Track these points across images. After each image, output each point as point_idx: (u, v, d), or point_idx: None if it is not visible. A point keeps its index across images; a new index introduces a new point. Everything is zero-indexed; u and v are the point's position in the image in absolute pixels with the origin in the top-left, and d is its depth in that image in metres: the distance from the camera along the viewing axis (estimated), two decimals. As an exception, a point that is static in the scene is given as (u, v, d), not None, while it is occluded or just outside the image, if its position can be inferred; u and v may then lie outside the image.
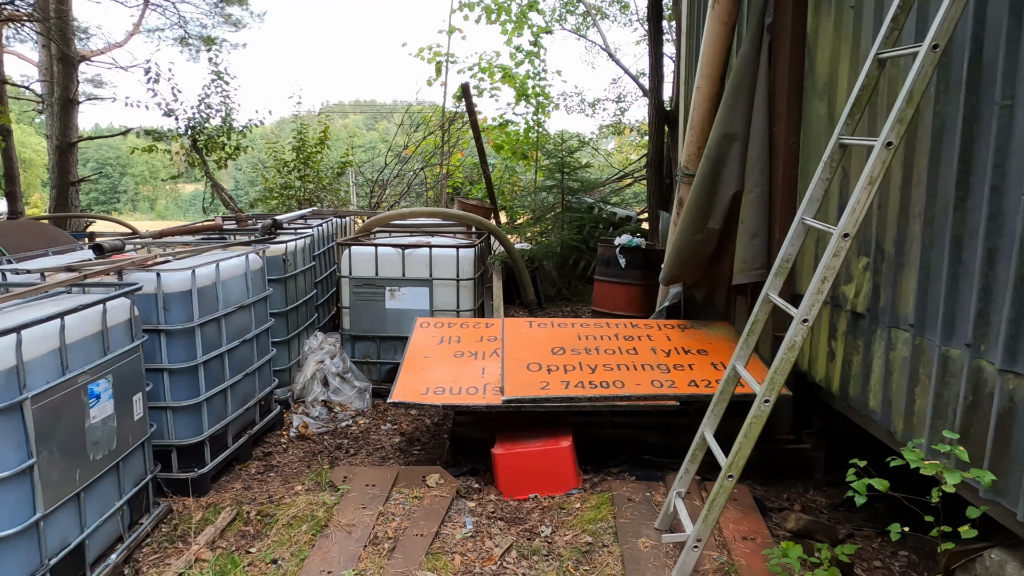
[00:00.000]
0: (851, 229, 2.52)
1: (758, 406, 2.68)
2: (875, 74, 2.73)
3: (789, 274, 3.03)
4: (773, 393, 2.66)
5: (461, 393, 3.84)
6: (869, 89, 2.75)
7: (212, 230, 5.87)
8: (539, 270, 8.34)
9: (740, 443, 2.72)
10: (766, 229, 4.05)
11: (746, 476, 4.02)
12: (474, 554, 3.15)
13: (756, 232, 4.05)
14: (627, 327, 4.61)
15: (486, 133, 12.34)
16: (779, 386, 2.67)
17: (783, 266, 2.91)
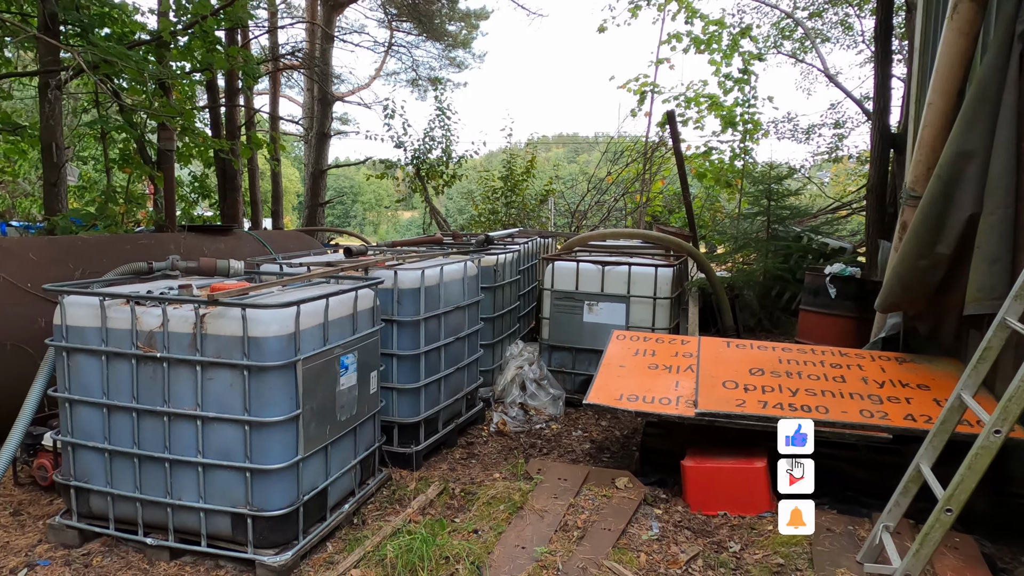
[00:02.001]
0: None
1: (987, 436, 2.46)
2: None
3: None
4: (1006, 424, 2.43)
5: (654, 402, 3.93)
6: None
7: (434, 243, 6.59)
8: (738, 298, 8.09)
9: (963, 475, 2.51)
10: (1009, 255, 3.64)
11: (973, 529, 3.61)
12: (659, 555, 3.21)
13: (996, 258, 3.65)
14: (835, 355, 4.37)
15: (689, 161, 12.27)
16: (1014, 417, 2.43)
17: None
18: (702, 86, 12.26)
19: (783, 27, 13.26)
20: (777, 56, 13.52)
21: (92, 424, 3.24)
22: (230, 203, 11.15)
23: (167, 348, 3.07)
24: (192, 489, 3.13)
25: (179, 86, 9.60)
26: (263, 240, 6.81)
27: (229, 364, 3.01)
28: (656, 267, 5.54)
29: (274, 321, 3.02)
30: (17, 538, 3.38)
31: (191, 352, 3.06)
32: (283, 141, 16.41)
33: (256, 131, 13.07)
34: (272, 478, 3.09)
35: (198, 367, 3.04)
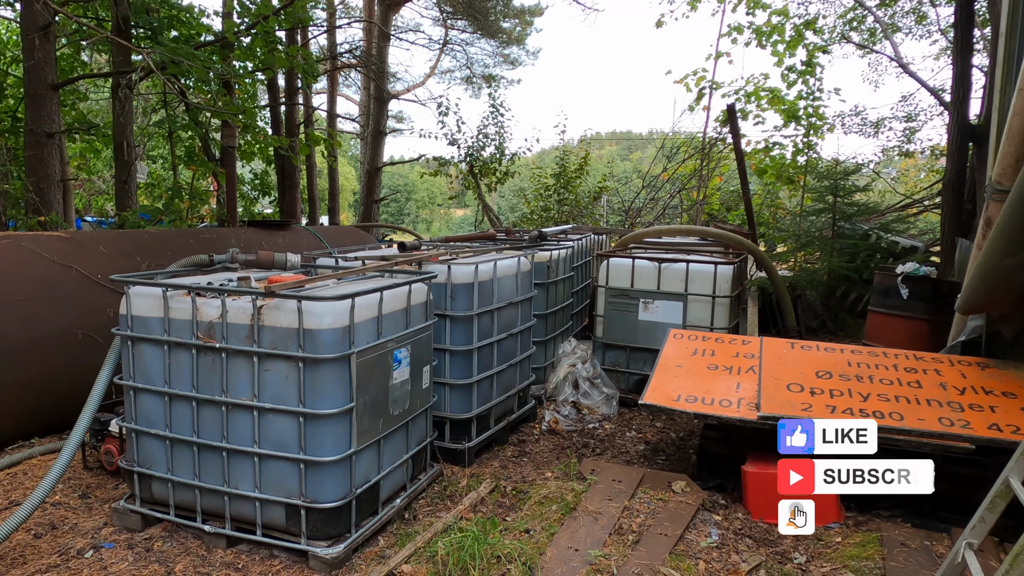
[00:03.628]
0: None
1: (1089, 450, 2.24)
2: None
3: None
4: (1113, 436, 2.21)
5: (713, 404, 3.79)
6: None
7: (488, 238, 6.56)
8: (800, 299, 7.78)
9: (1060, 491, 2.30)
10: (1110, 254, 3.35)
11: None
12: (719, 564, 3.08)
13: (1095, 257, 3.37)
14: (909, 358, 4.11)
15: (749, 157, 11.90)
16: (1122, 429, 2.20)
17: None
18: (763, 79, 11.87)
19: (851, 17, 12.70)
20: (843, 48, 12.96)
21: (154, 412, 3.32)
22: (288, 200, 11.40)
23: (225, 339, 3.12)
24: (248, 479, 3.16)
25: (242, 85, 9.88)
26: (319, 235, 6.91)
27: (285, 356, 3.03)
28: (716, 264, 5.36)
29: (329, 314, 3.02)
30: (84, 520, 3.50)
31: (248, 343, 3.09)
32: (340, 139, 16.74)
33: (314, 129, 13.35)
34: (325, 470, 3.09)
35: (255, 358, 3.07)
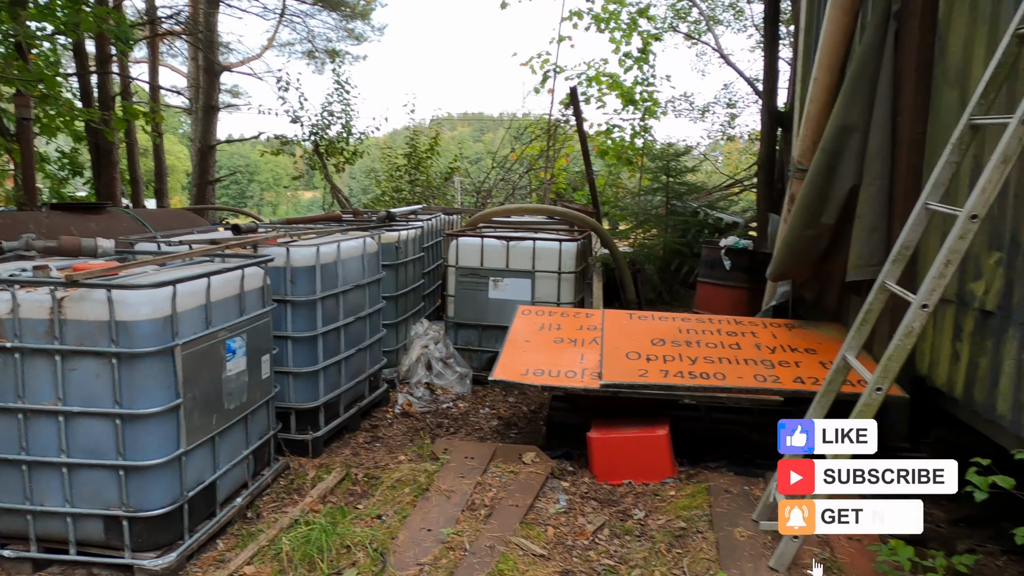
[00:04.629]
0: (980, 211, 2.40)
1: (869, 394, 2.59)
2: (1014, 51, 2.58)
3: (908, 266, 2.90)
4: (886, 381, 2.56)
5: (559, 376, 3.92)
6: (1006, 67, 2.61)
7: (333, 219, 6.29)
8: (639, 273, 8.28)
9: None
10: (885, 224, 3.87)
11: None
12: (567, 528, 3.21)
13: (875, 227, 3.88)
14: (731, 323, 4.52)
15: (591, 139, 12.40)
16: (893, 374, 2.56)
17: (902, 253, 2.80)
18: (603, 64, 12.40)
19: (679, 8, 13.60)
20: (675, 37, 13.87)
21: (-70, 426, 2.84)
22: (106, 180, 10.21)
23: (19, 337, 2.72)
24: (56, 492, 2.81)
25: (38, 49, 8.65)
26: (141, 219, 6.26)
27: (94, 352, 2.71)
28: (560, 242, 5.54)
29: (146, 303, 2.74)
30: None
31: (48, 340, 2.72)
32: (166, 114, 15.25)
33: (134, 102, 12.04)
34: (150, 475, 2.82)
35: (57, 356, 2.72)
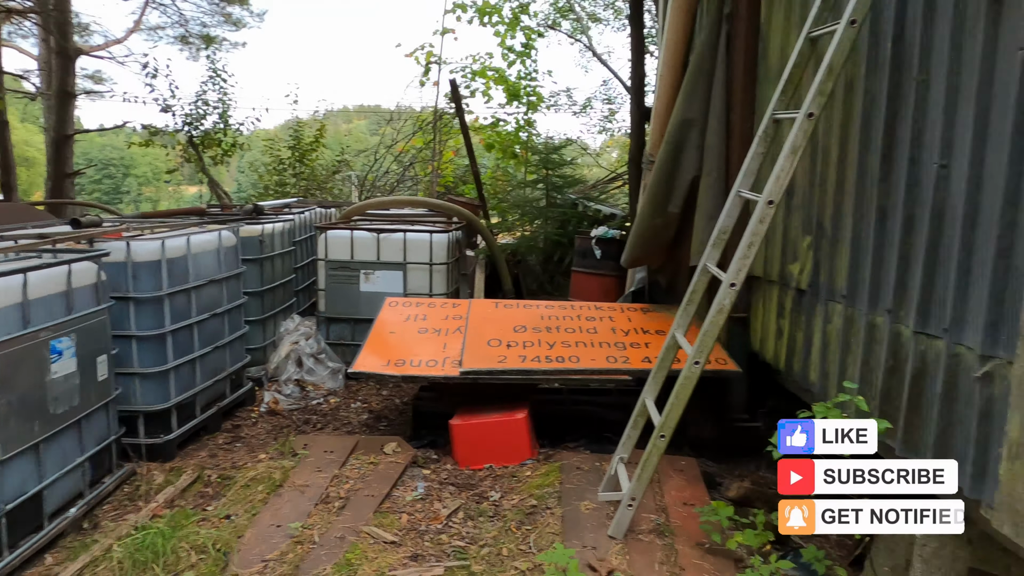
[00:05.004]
0: (775, 196, 2.64)
1: (688, 368, 2.79)
2: (807, 52, 2.85)
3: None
4: (703, 355, 2.77)
5: (421, 366, 3.95)
6: (801, 67, 2.87)
7: (195, 213, 6.00)
8: (520, 264, 8.44)
9: (671, 404, 2.83)
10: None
11: (701, 453, 4.12)
12: (421, 514, 3.25)
13: (712, 215, 4.14)
14: (591, 309, 4.72)
15: (477, 132, 12.49)
16: (708, 348, 2.77)
17: (720, 238, 3.03)
18: (488, 59, 12.50)
19: (561, 6, 13.92)
20: (558, 34, 14.19)
21: None
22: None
23: None
24: None
25: None
26: (-28, 214, 5.71)
27: None
28: (431, 233, 5.56)
29: (-56, 302, 2.52)
30: None
31: None
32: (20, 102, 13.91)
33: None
34: (-42, 488, 2.60)
35: None
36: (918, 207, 2.51)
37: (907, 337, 2.54)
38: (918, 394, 2.47)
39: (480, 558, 2.89)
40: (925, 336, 2.45)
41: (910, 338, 2.53)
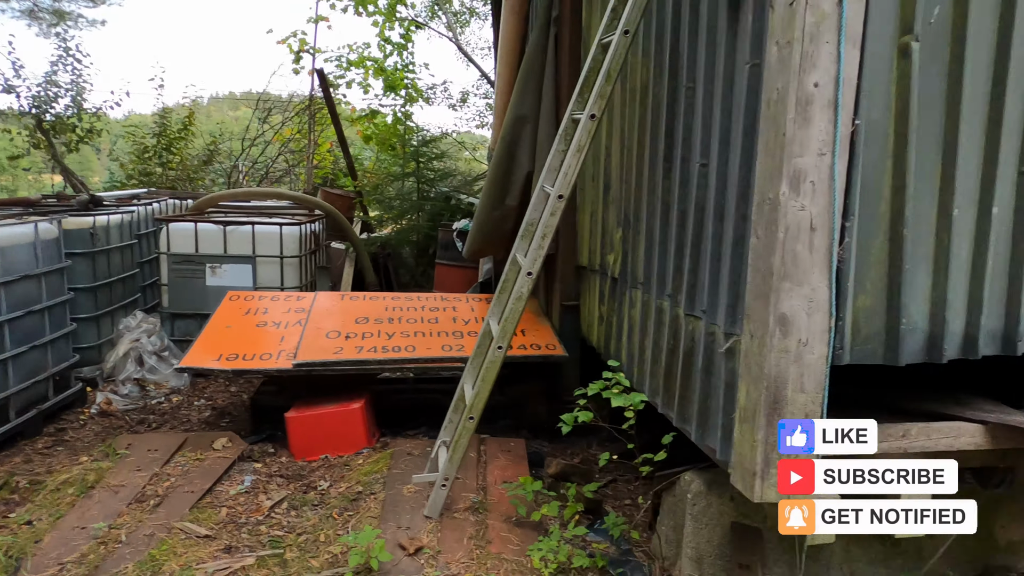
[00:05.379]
0: (564, 191, 2.84)
1: (492, 352, 2.95)
2: (600, 57, 3.07)
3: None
4: (505, 340, 2.94)
5: (254, 359, 3.92)
6: (595, 71, 3.08)
7: (22, 203, 5.60)
8: (390, 257, 8.45)
9: (479, 387, 2.98)
10: (554, 206, 4.38)
11: (538, 434, 4.34)
12: (243, 507, 3.25)
13: (545, 208, 4.37)
14: (436, 300, 4.83)
15: (356, 124, 12.33)
16: (510, 334, 2.95)
17: (528, 230, 3.21)
18: (366, 48, 12.33)
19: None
20: (434, 28, 14.22)
21: None
22: None
23: None
24: None
25: None
26: None
27: None
28: (281, 226, 5.47)
29: None
30: None
31: None
32: None
33: None
34: None
35: None
36: (688, 202, 2.79)
37: (681, 319, 2.82)
38: (689, 370, 2.75)
39: (296, 546, 2.93)
40: (693, 317, 2.73)
41: (683, 320, 2.80)
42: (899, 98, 2.06)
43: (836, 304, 2.09)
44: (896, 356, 2.16)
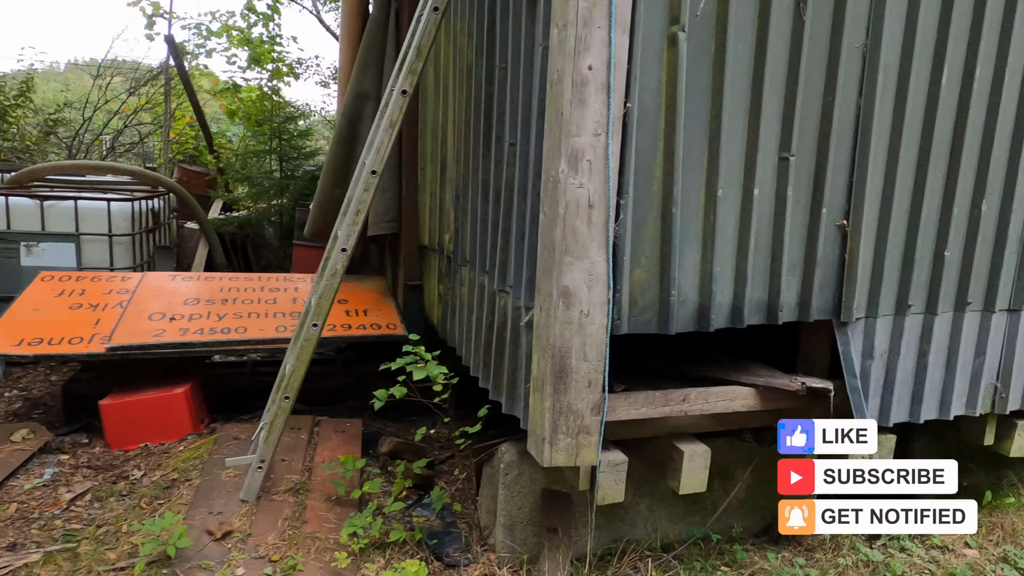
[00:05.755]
0: (377, 167, 2.82)
1: (307, 330, 2.90)
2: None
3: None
4: (320, 318, 2.90)
5: (62, 343, 3.62)
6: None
7: None
8: (250, 238, 8.08)
9: (293, 366, 2.92)
10: (396, 184, 4.36)
11: (385, 415, 4.32)
12: (38, 502, 3.01)
13: (387, 187, 4.34)
14: (279, 281, 4.68)
15: (217, 97, 11.65)
16: (325, 311, 2.91)
17: (348, 207, 3.16)
18: (229, 17, 11.63)
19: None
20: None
21: None
22: None
23: None
24: None
25: None
26: None
27: None
28: (109, 201, 5.08)
29: None
30: None
31: None
32: None
33: None
34: None
35: None
36: (501, 181, 2.85)
37: (496, 295, 2.89)
38: (501, 344, 2.83)
39: (93, 538, 2.75)
40: (504, 293, 2.81)
41: (497, 296, 2.88)
42: (669, 84, 2.20)
43: (614, 277, 2.22)
44: (668, 326, 2.32)
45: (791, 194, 2.43)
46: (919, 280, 2.74)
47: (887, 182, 2.58)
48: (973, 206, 2.76)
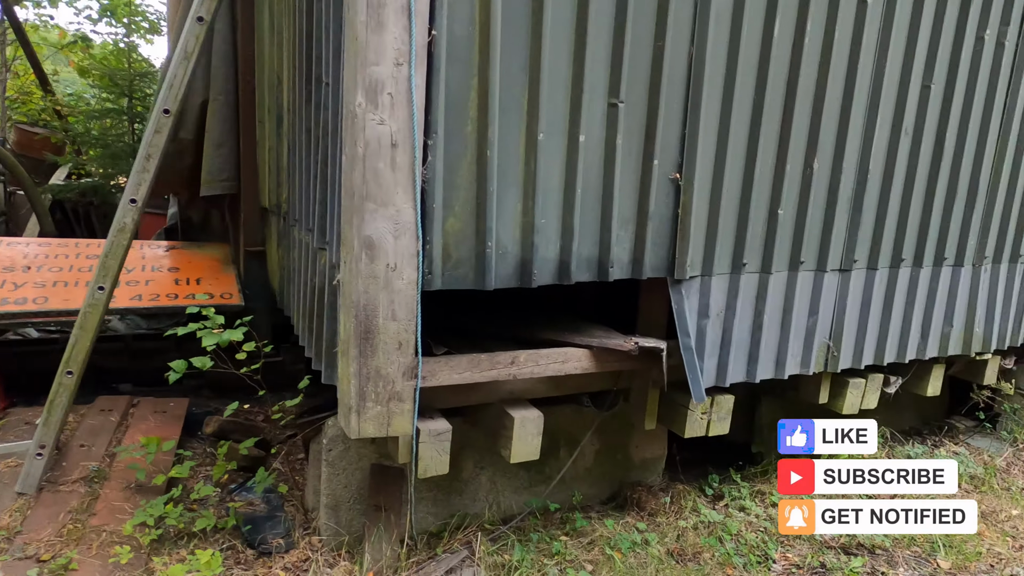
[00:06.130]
0: (170, 105, 2.48)
1: (92, 294, 2.52)
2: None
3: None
4: (107, 280, 2.53)
5: None
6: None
7: None
8: (94, 205, 7.30)
9: (76, 335, 2.54)
10: (233, 139, 3.96)
11: (223, 393, 3.96)
12: None
13: (222, 142, 3.93)
14: (100, 248, 4.15)
15: (66, 52, 10.49)
16: (113, 272, 2.54)
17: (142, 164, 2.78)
18: (78, -38, 10.45)
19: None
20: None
21: None
22: None
23: None
24: None
25: None
26: None
27: None
28: None
29: None
30: None
31: None
32: None
33: None
34: None
35: None
36: (320, 127, 2.55)
37: (317, 253, 2.62)
38: (321, 307, 2.56)
39: None
40: (322, 250, 2.54)
41: (316, 253, 2.60)
42: (482, 12, 2.00)
43: (423, 227, 2.01)
44: (485, 281, 2.14)
45: (621, 143, 2.30)
46: (754, 238, 2.70)
47: (720, 136, 2.51)
48: (806, 164, 2.75)
